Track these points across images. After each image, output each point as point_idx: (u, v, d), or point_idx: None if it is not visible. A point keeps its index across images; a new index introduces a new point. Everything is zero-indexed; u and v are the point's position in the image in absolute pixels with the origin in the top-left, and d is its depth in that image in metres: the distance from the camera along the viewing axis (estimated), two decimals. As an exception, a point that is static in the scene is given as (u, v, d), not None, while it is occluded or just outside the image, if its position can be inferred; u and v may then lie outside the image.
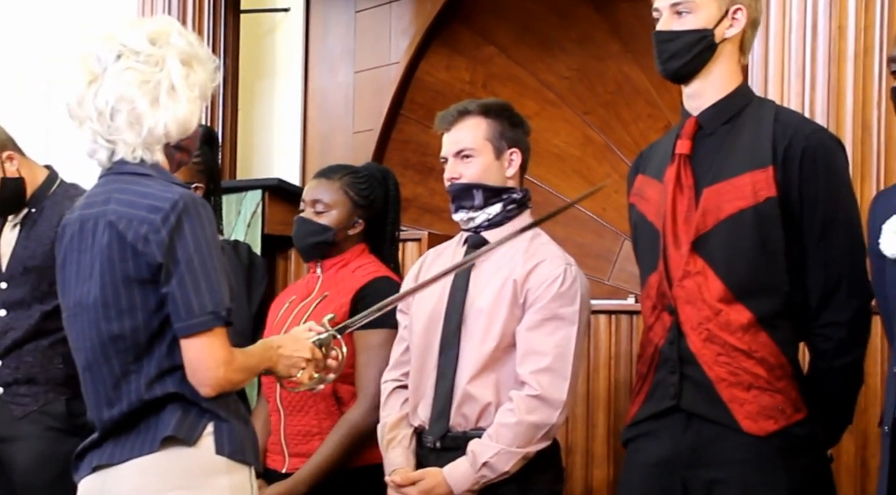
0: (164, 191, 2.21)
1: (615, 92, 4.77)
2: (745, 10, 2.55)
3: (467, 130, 2.87)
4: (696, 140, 2.56)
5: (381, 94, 5.10)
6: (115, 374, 2.23)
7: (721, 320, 2.48)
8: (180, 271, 2.17)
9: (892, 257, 2.24)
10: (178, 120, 2.25)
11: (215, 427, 2.22)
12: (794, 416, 2.48)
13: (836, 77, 3.08)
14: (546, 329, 2.76)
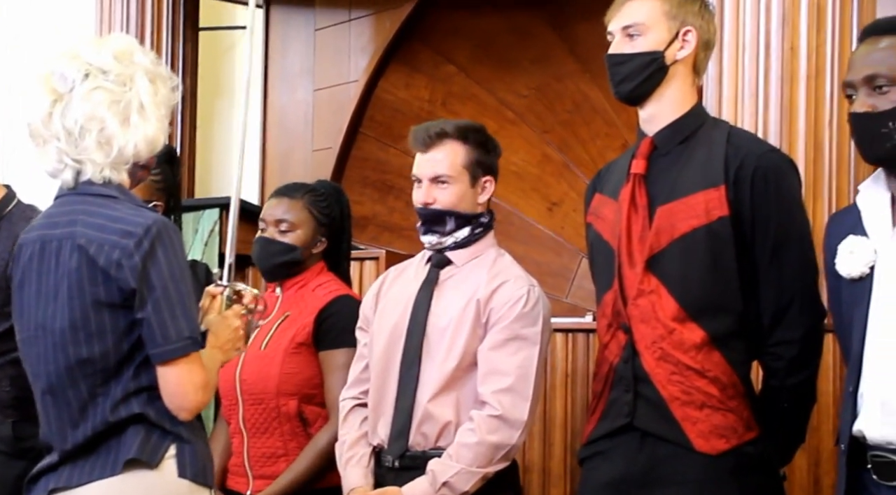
0: (136, 216, 2.19)
1: (573, 111, 4.80)
2: (696, 32, 2.58)
3: (445, 156, 2.84)
4: (651, 160, 2.58)
5: (341, 112, 5.12)
6: (81, 398, 2.21)
7: (674, 339, 2.50)
8: (155, 297, 2.15)
9: (847, 277, 2.26)
10: (147, 139, 2.24)
11: (178, 449, 2.21)
12: (746, 435, 2.50)
13: (789, 97, 3.12)
14: (508, 349, 2.76)
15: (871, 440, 2.20)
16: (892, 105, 2.17)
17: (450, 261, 2.88)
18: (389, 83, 5.06)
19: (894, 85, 2.17)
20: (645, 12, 2.56)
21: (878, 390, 2.18)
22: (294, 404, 3.06)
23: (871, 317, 2.21)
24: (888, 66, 2.17)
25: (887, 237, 2.22)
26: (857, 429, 2.21)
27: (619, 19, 2.59)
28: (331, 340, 3.09)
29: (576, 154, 4.82)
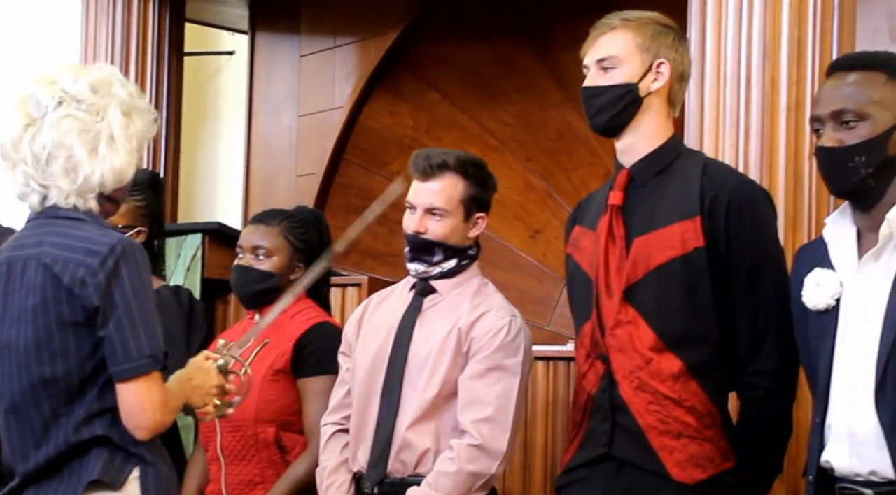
0: (101, 236, 2.21)
1: (556, 139, 4.83)
2: (670, 64, 2.61)
3: (443, 189, 2.85)
4: (628, 191, 2.61)
5: (325, 139, 5.13)
6: (44, 418, 2.21)
7: (652, 369, 2.51)
8: (118, 315, 2.16)
9: (813, 309, 2.28)
10: (114, 170, 2.25)
11: (141, 471, 2.20)
12: (722, 465, 2.51)
13: (770, 129, 3.13)
14: (489, 379, 2.77)
15: (838, 471, 2.21)
16: (858, 140, 2.20)
17: (434, 290, 2.89)
18: (374, 110, 5.08)
19: (861, 120, 2.20)
20: (619, 45, 2.59)
21: (844, 421, 2.20)
22: (272, 431, 3.05)
23: (837, 349, 2.23)
24: (855, 102, 2.20)
25: (853, 270, 2.25)
26: (824, 461, 2.23)
27: (593, 52, 2.62)
28: (309, 367, 3.09)
29: (559, 182, 4.84)
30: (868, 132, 2.20)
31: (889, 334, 2.15)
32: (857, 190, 2.22)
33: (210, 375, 2.38)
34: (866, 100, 2.20)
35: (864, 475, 2.17)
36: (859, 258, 2.24)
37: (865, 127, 2.20)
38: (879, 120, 2.20)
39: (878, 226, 2.21)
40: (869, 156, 2.19)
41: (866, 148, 2.19)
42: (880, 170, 2.20)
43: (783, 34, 3.14)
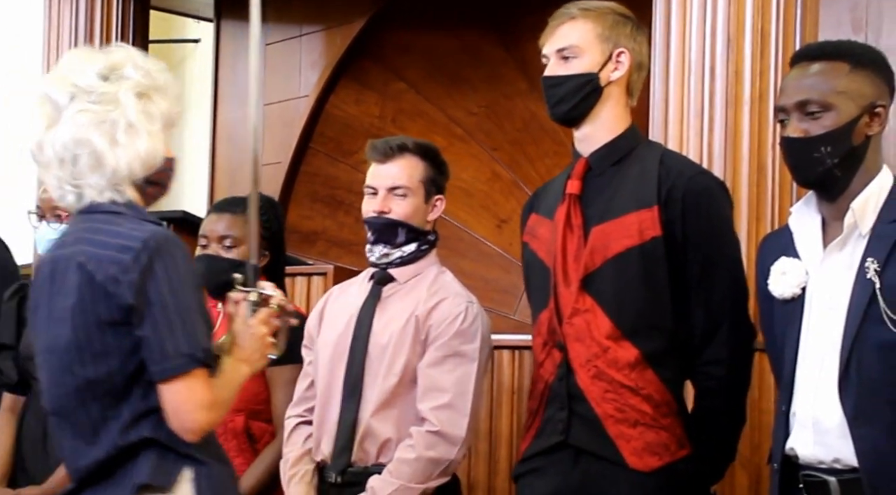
0: (136, 230, 2.12)
1: (522, 129, 4.84)
2: (629, 54, 2.62)
3: (405, 168, 2.88)
4: (586, 180, 2.62)
5: (291, 127, 5.12)
6: (93, 420, 2.12)
7: (609, 357, 2.52)
8: (153, 313, 2.08)
9: (779, 298, 2.29)
10: (140, 157, 2.16)
11: (195, 472, 2.12)
12: (678, 453, 2.53)
13: (734, 120, 3.15)
14: (447, 366, 2.78)
15: (803, 459, 2.23)
16: (823, 130, 2.21)
17: (392, 278, 2.90)
18: (340, 99, 5.07)
19: (826, 110, 2.21)
20: (578, 35, 2.60)
21: (809, 410, 2.22)
22: (241, 420, 3.05)
23: (802, 338, 2.25)
24: (819, 92, 2.21)
25: (818, 259, 2.26)
26: (789, 449, 2.25)
27: (553, 42, 2.62)
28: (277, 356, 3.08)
29: (525, 172, 4.85)
30: (833, 122, 2.21)
31: (852, 323, 2.17)
32: (823, 180, 2.24)
33: (255, 330, 2.25)
34: (830, 90, 2.21)
35: (828, 463, 2.19)
36: (824, 247, 2.26)
37: (830, 117, 2.21)
38: (844, 110, 2.21)
39: (842, 215, 2.22)
40: (834, 147, 2.21)
41: (831, 138, 2.20)
42: (845, 160, 2.22)
43: (747, 25, 3.15)
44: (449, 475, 2.80)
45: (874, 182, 2.23)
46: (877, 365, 2.15)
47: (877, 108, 2.23)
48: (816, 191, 2.28)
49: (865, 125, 2.23)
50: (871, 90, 2.23)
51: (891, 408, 2.13)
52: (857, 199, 2.21)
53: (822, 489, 2.19)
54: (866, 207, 2.21)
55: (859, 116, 2.22)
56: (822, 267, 2.25)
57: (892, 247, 2.17)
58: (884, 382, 2.14)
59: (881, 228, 2.20)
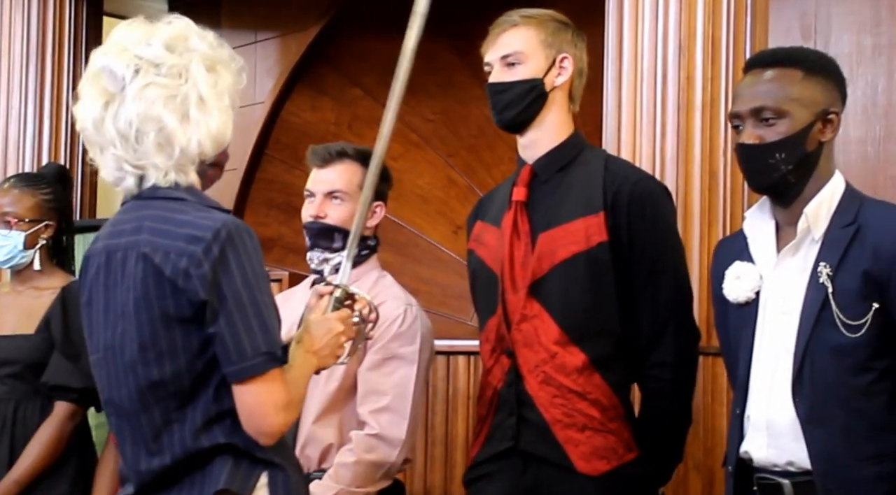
0: (204, 218, 1.96)
1: (478, 135, 4.85)
2: (572, 59, 2.64)
3: (343, 173, 2.88)
4: (532, 187, 2.63)
5: (246, 134, 5.09)
6: (155, 424, 1.98)
7: (557, 362, 2.54)
8: (228, 309, 1.92)
9: (734, 302, 2.31)
10: (211, 134, 2.01)
11: (270, 477, 1.99)
12: (626, 456, 2.54)
13: (685, 125, 3.18)
14: (385, 369, 2.79)
15: (757, 462, 2.25)
16: (778, 137, 2.23)
17: None
18: (295, 106, 5.06)
19: (780, 117, 2.23)
20: (522, 41, 2.62)
21: (763, 413, 2.24)
22: None
23: (756, 342, 2.27)
24: (774, 99, 2.23)
25: (772, 263, 2.28)
26: (743, 451, 2.26)
27: (496, 49, 2.64)
28: None
29: (480, 178, 4.86)
30: (787, 129, 2.23)
31: (806, 327, 2.19)
32: (777, 186, 2.25)
33: (332, 325, 2.13)
34: (785, 97, 2.23)
35: (782, 465, 2.21)
36: (778, 252, 2.28)
37: (784, 124, 2.23)
38: (798, 117, 2.23)
39: (796, 220, 2.24)
40: (789, 153, 2.22)
41: (786, 145, 2.22)
42: (799, 167, 2.24)
43: (698, 32, 3.18)
44: (390, 478, 2.79)
45: (826, 187, 2.26)
46: (830, 368, 2.17)
47: (829, 115, 2.26)
48: (770, 196, 2.30)
49: (819, 131, 2.25)
50: (824, 97, 2.25)
51: (843, 411, 2.16)
52: (811, 205, 2.23)
53: (775, 491, 2.21)
54: (819, 212, 2.23)
55: (813, 123, 2.24)
56: (776, 271, 2.27)
57: (844, 252, 2.19)
58: (837, 385, 2.17)
59: (834, 233, 2.22)
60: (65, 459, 3.11)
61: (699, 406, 2.83)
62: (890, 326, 2.16)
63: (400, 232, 4.88)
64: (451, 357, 3.82)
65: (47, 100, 4.35)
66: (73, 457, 3.13)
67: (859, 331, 2.15)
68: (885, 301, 2.15)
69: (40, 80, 4.36)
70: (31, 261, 3.21)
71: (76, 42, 4.52)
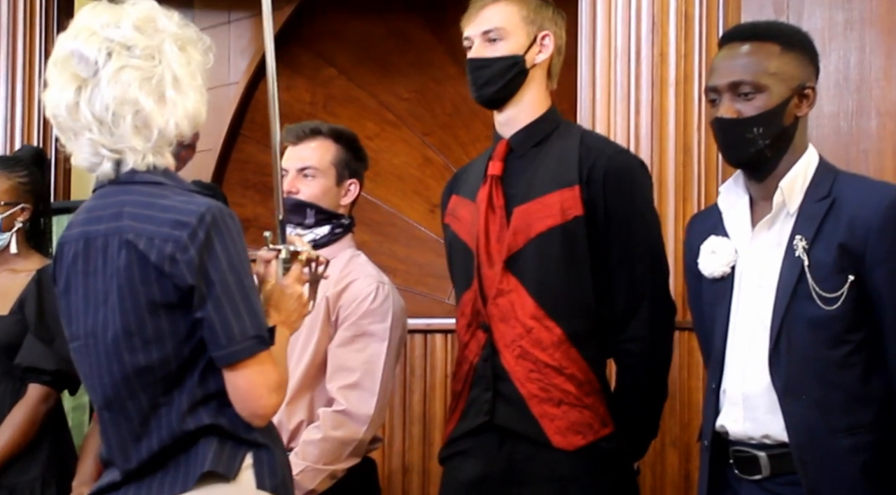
0: (187, 203, 1.95)
1: (453, 114, 4.84)
2: (552, 37, 2.64)
3: (315, 150, 2.88)
4: (508, 162, 2.63)
5: (221, 114, 5.07)
6: (142, 410, 1.97)
7: (533, 337, 2.54)
8: (215, 294, 1.91)
9: (709, 277, 2.32)
10: (188, 115, 2.00)
11: (255, 457, 1.98)
12: (601, 431, 2.55)
13: (659, 102, 3.20)
14: (356, 345, 2.78)
15: (732, 435, 2.26)
16: (756, 111, 2.23)
17: None
18: (270, 85, 5.04)
19: (759, 92, 2.22)
20: (504, 17, 2.61)
21: (739, 387, 2.25)
22: None
23: (732, 316, 2.28)
24: (752, 73, 2.23)
25: (747, 237, 2.29)
26: (719, 425, 2.27)
27: (477, 24, 2.63)
28: None
29: (456, 156, 4.86)
30: (765, 103, 2.22)
31: (782, 300, 2.20)
32: (754, 160, 2.25)
33: (290, 289, 2.11)
34: (763, 71, 2.22)
35: (758, 438, 2.22)
36: (752, 226, 2.28)
37: (762, 98, 2.22)
38: (776, 91, 2.23)
39: (771, 194, 2.25)
40: (766, 128, 2.22)
41: (764, 119, 2.22)
42: (776, 141, 2.24)
43: (671, 9, 3.20)
44: (359, 456, 2.78)
45: (801, 161, 2.26)
46: (806, 341, 2.18)
47: (805, 90, 2.26)
48: (746, 170, 2.30)
49: (795, 106, 2.25)
50: (801, 72, 2.26)
51: (819, 383, 2.17)
52: (786, 179, 2.24)
53: (751, 464, 2.23)
54: (794, 186, 2.24)
55: (790, 98, 2.24)
56: (752, 245, 2.28)
57: (819, 225, 2.20)
58: (813, 358, 2.18)
59: (809, 207, 2.23)
60: (38, 442, 3.09)
61: (675, 381, 2.85)
62: (865, 298, 2.17)
63: (376, 211, 4.88)
64: (428, 335, 3.82)
65: (19, 83, 4.32)
66: (47, 440, 3.11)
67: (835, 304, 2.16)
68: (860, 273, 2.17)
69: (11, 64, 4.32)
70: (8, 244, 3.20)
71: (48, 25, 4.49)
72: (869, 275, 2.17)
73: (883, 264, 2.16)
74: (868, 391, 2.18)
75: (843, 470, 2.16)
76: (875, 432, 2.17)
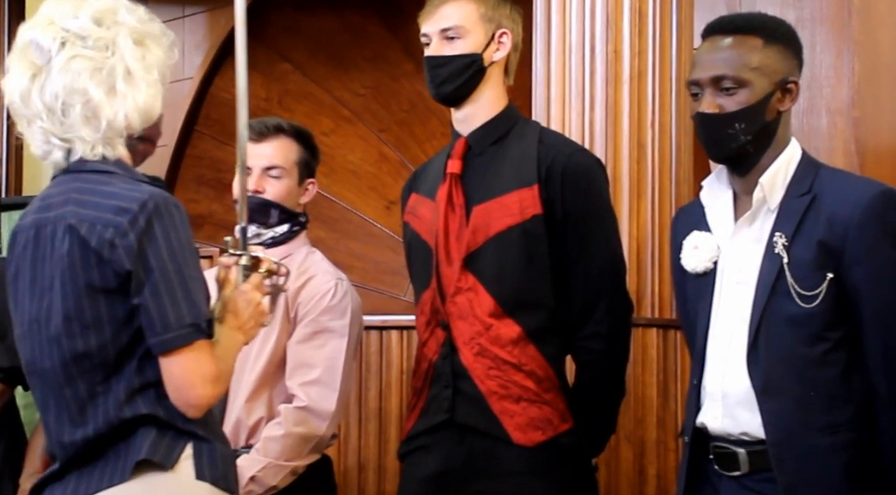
0: (132, 190, 1.95)
1: (409, 110, 4.84)
2: (510, 34, 2.65)
3: (280, 149, 2.86)
4: (466, 160, 2.63)
5: (175, 110, 5.03)
6: (80, 397, 1.96)
7: (492, 334, 2.55)
8: (153, 280, 1.91)
9: (692, 272, 2.30)
10: (139, 108, 1.99)
11: (195, 448, 1.97)
12: (561, 427, 2.56)
13: (614, 98, 3.19)
14: (316, 342, 2.77)
15: (712, 432, 2.24)
16: (738, 106, 2.19)
17: None
18: (225, 81, 5.01)
19: (741, 86, 2.19)
20: (462, 15, 2.61)
21: (718, 383, 2.23)
22: None
23: (714, 312, 2.26)
24: (734, 68, 2.19)
25: (730, 233, 2.27)
26: (699, 422, 2.26)
27: (435, 21, 2.63)
28: None
29: (412, 153, 4.86)
30: (747, 98, 2.19)
31: (761, 297, 2.18)
32: (737, 156, 2.22)
33: (249, 295, 2.09)
34: (745, 66, 2.18)
35: (736, 435, 2.21)
36: (736, 221, 2.26)
37: (745, 93, 2.18)
38: (758, 86, 2.19)
39: (752, 189, 2.22)
40: (749, 123, 2.19)
41: (746, 115, 2.18)
42: (759, 137, 2.20)
43: (625, 6, 3.20)
44: (320, 452, 2.78)
45: (782, 156, 2.23)
46: (784, 338, 2.16)
47: (788, 84, 2.22)
48: (728, 166, 2.27)
49: (777, 101, 2.21)
50: (784, 65, 2.22)
51: (798, 381, 2.15)
52: (766, 174, 2.21)
53: (731, 460, 2.21)
54: (775, 182, 2.21)
55: (773, 92, 2.20)
56: (733, 241, 2.25)
57: (799, 222, 2.17)
58: (791, 355, 2.16)
59: (789, 203, 2.20)
60: (-10, 439, 3.06)
61: (630, 377, 2.85)
62: (844, 296, 2.15)
63: (332, 208, 4.87)
64: (384, 332, 3.82)
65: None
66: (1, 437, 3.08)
67: (814, 302, 2.14)
68: (839, 271, 2.14)
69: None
70: (-43, 241, 3.16)
71: (-1, 17, 4.45)
72: (848, 272, 2.14)
73: (862, 262, 2.14)
74: (847, 389, 2.16)
75: (821, 468, 2.14)
76: (854, 431, 2.15)
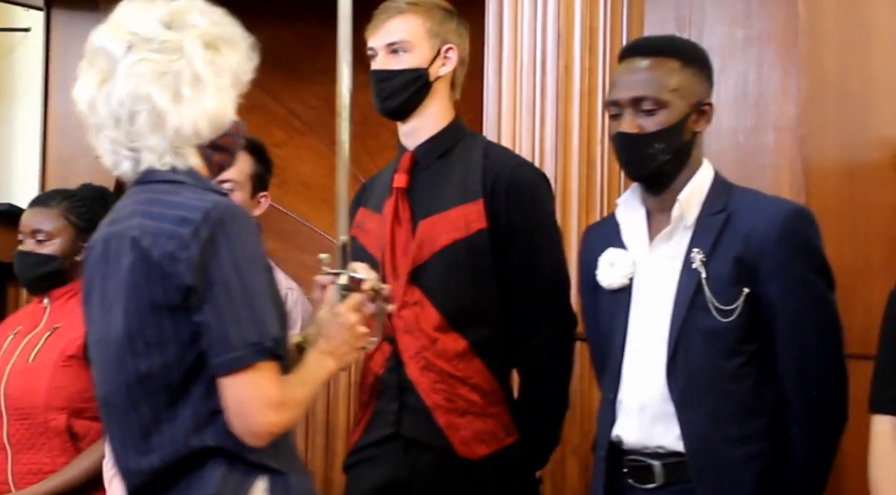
0: (197, 200, 1.83)
1: (361, 123, 4.80)
2: (456, 49, 2.67)
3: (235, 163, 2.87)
4: (413, 174, 2.65)
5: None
6: (144, 422, 1.84)
7: (438, 348, 2.56)
8: (215, 295, 1.78)
9: (607, 288, 2.34)
10: (207, 115, 1.88)
11: (269, 483, 1.84)
12: (505, 440, 2.58)
13: (564, 114, 3.22)
14: None
15: (627, 445, 2.29)
16: (658, 127, 2.25)
17: None
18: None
19: (661, 107, 2.25)
20: (408, 30, 2.63)
21: (636, 396, 2.28)
22: (63, 419, 2.96)
23: (630, 327, 2.31)
24: (654, 89, 2.25)
25: (645, 250, 2.32)
26: (615, 435, 2.30)
27: (382, 36, 2.65)
28: None
29: (365, 166, 4.85)
30: (666, 119, 2.25)
31: (679, 312, 2.23)
32: (655, 175, 2.28)
33: (343, 319, 1.97)
34: (664, 88, 2.25)
35: (652, 448, 2.25)
36: (650, 238, 2.31)
37: (664, 114, 2.25)
38: (677, 107, 2.25)
39: (668, 207, 2.28)
40: (667, 144, 2.25)
41: (665, 135, 2.25)
42: (676, 156, 2.27)
43: (576, 22, 3.23)
44: None
45: (697, 175, 2.30)
46: (702, 352, 2.22)
47: (703, 106, 2.30)
48: (644, 184, 2.33)
49: (693, 122, 2.29)
50: (700, 88, 2.30)
51: (714, 394, 2.21)
52: (684, 192, 2.27)
53: (646, 473, 2.26)
54: (691, 200, 2.28)
55: (689, 113, 2.27)
56: (650, 258, 2.31)
57: (716, 238, 2.24)
58: (708, 368, 2.22)
59: (705, 220, 2.26)
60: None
61: (575, 391, 2.87)
62: (759, 311, 2.22)
63: (284, 220, 4.85)
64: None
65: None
66: None
67: (731, 316, 2.21)
68: (755, 286, 2.21)
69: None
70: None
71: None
72: (763, 287, 2.21)
73: (777, 278, 2.21)
74: (760, 401, 2.23)
75: (735, 478, 2.20)
76: (766, 440, 2.22)
